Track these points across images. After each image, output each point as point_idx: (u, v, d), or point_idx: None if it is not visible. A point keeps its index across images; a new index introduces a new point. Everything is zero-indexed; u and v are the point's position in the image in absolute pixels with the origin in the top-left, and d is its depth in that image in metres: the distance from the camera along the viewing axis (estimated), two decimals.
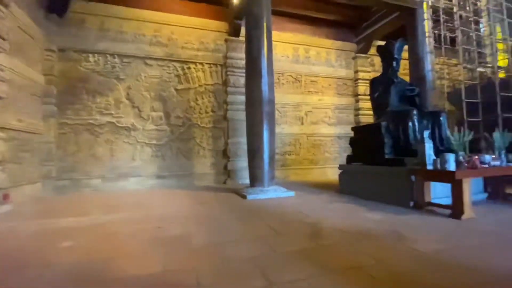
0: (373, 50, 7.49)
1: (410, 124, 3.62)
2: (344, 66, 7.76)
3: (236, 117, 6.19)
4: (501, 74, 4.80)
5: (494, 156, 3.05)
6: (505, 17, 4.55)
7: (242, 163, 6.04)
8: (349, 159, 4.51)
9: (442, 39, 5.35)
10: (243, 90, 4.94)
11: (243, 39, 4.91)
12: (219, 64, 6.31)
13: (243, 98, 4.99)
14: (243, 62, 4.86)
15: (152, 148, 5.71)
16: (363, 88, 7.53)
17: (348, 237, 2.09)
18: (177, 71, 5.98)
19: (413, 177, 3.09)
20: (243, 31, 5.39)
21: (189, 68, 6.07)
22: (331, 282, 1.37)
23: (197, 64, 6.14)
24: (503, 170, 2.97)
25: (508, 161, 3.12)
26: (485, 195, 3.54)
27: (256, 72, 4.34)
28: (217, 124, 6.23)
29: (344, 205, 3.37)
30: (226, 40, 6.34)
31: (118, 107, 5.53)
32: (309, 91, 7.30)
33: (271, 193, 4.04)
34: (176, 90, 5.95)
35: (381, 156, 3.71)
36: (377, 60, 7.50)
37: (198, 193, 4.55)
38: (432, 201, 2.99)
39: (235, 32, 6.28)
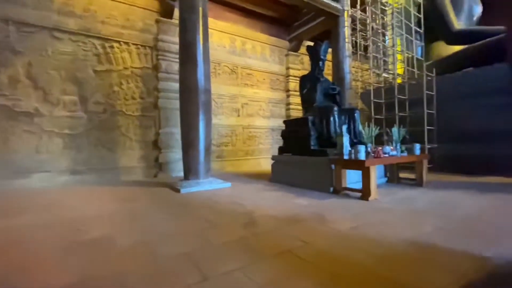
0: (303, 49, 8.10)
1: (331, 119, 4.09)
2: (277, 62, 8.14)
3: (169, 106, 5.81)
4: (399, 80, 5.84)
5: (392, 148, 3.73)
6: (404, 32, 5.52)
7: (175, 155, 5.75)
8: (281, 150, 4.82)
9: (358, 46, 6.17)
10: (177, 77, 4.64)
11: (177, 21, 4.57)
12: (148, 46, 5.74)
13: (176, 85, 4.71)
14: (177, 46, 4.54)
15: (64, 139, 4.85)
16: (294, 84, 8.09)
17: (279, 223, 2.25)
18: (96, 49, 5.18)
19: (333, 166, 3.52)
20: (176, 13, 5.02)
21: (111, 47, 5.33)
22: (264, 268, 1.45)
23: (122, 43, 5.44)
24: (398, 159, 3.68)
25: (401, 151, 3.88)
26: (385, 179, 4.32)
27: (191, 59, 4.13)
28: (146, 112, 5.71)
29: (276, 193, 3.59)
30: (157, 21, 5.80)
31: (14, 87, 4.47)
32: (245, 84, 7.41)
33: (206, 185, 3.99)
34: (95, 71, 5.16)
35: (307, 147, 4.09)
36: (306, 58, 8.16)
37: (125, 189, 4.13)
38: (348, 186, 3.47)
39: (167, 13, 5.81)
